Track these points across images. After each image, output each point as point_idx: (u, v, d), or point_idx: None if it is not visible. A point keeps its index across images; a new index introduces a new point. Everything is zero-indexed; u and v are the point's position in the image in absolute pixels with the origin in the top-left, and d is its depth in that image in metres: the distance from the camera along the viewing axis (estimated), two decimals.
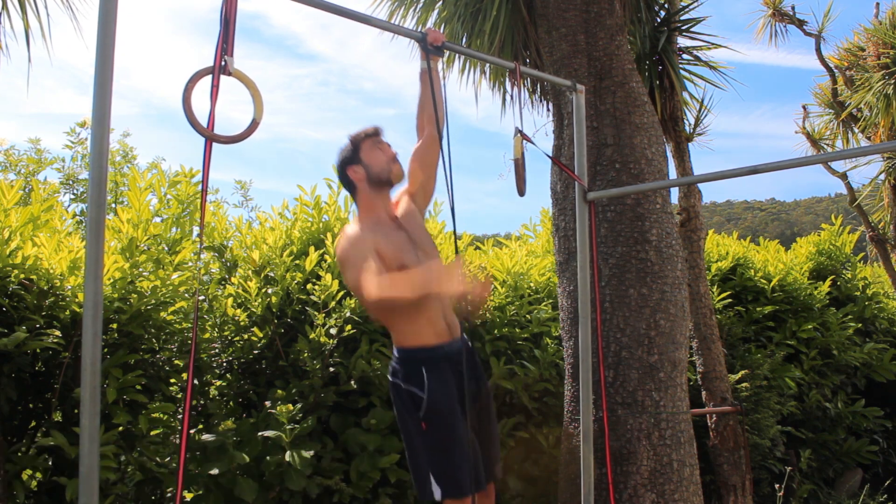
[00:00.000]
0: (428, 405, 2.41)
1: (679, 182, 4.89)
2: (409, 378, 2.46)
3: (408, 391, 2.44)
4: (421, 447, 2.44)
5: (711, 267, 6.09)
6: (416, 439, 2.45)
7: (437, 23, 4.97)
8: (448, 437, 2.42)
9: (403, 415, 2.48)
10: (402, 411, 2.48)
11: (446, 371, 2.47)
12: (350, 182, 2.62)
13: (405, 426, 2.48)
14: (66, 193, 5.47)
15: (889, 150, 6.84)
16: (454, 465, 2.40)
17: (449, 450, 2.41)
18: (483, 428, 2.58)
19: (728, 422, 4.67)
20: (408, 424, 2.46)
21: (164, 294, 3.43)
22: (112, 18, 1.80)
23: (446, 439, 2.42)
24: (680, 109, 5.14)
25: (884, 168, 8.07)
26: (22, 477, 3.14)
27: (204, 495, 3.42)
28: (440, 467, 2.41)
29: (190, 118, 1.89)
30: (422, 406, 2.42)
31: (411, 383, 2.44)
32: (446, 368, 2.48)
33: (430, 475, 2.40)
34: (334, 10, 2.35)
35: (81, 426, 1.73)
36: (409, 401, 2.45)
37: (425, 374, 2.44)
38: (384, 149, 2.61)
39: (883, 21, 7.54)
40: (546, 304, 4.87)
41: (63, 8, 4.26)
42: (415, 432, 2.44)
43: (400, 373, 2.49)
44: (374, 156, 2.57)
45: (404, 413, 2.47)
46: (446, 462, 2.41)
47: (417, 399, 2.43)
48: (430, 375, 2.44)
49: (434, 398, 2.41)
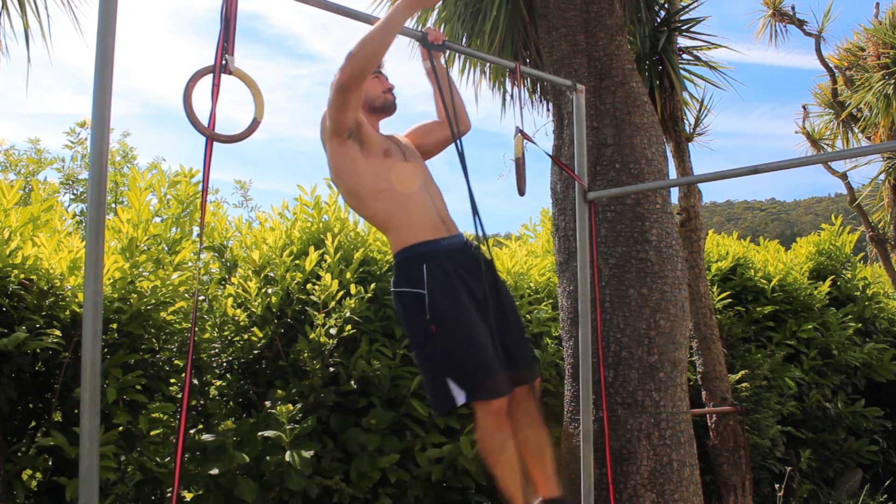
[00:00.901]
0: (430, 302, 2.29)
1: (679, 182, 4.89)
2: (411, 280, 2.35)
3: (412, 294, 2.33)
4: (435, 352, 2.30)
5: (711, 267, 6.09)
6: (427, 346, 2.32)
7: (437, 23, 4.97)
8: (461, 334, 2.30)
9: (412, 324, 2.35)
10: (409, 322, 2.36)
11: (449, 267, 2.38)
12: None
13: (415, 337, 2.36)
14: (66, 193, 5.47)
15: (889, 150, 6.84)
16: (476, 364, 2.28)
17: (466, 348, 2.29)
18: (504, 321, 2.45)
19: (728, 422, 4.67)
20: (417, 333, 2.34)
21: (164, 294, 3.43)
22: (112, 18, 1.80)
23: (460, 337, 2.30)
24: (680, 109, 5.14)
25: (884, 168, 8.07)
26: (22, 477, 3.14)
27: (204, 495, 3.42)
28: (460, 369, 2.28)
29: (190, 117, 1.89)
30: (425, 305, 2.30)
31: (413, 284, 2.33)
32: (449, 265, 2.38)
33: (447, 381, 2.27)
34: (335, 9, 2.35)
35: (81, 426, 1.73)
36: (414, 304, 2.32)
37: (425, 271, 2.33)
38: (382, 80, 2.63)
39: (883, 21, 7.54)
40: (546, 304, 4.87)
41: (63, 8, 4.27)
42: (425, 339, 2.31)
43: (403, 278, 2.38)
44: (372, 84, 2.57)
45: (412, 322, 2.34)
46: (466, 362, 2.28)
47: (421, 298, 2.31)
48: (431, 272, 2.33)
49: (436, 295, 2.31)
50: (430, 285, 2.32)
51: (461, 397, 2.26)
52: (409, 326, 2.38)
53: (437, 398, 2.32)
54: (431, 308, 2.30)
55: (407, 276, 2.37)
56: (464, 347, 2.30)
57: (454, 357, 2.29)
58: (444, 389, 2.28)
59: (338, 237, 4.15)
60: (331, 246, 3.99)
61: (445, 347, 2.30)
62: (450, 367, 2.29)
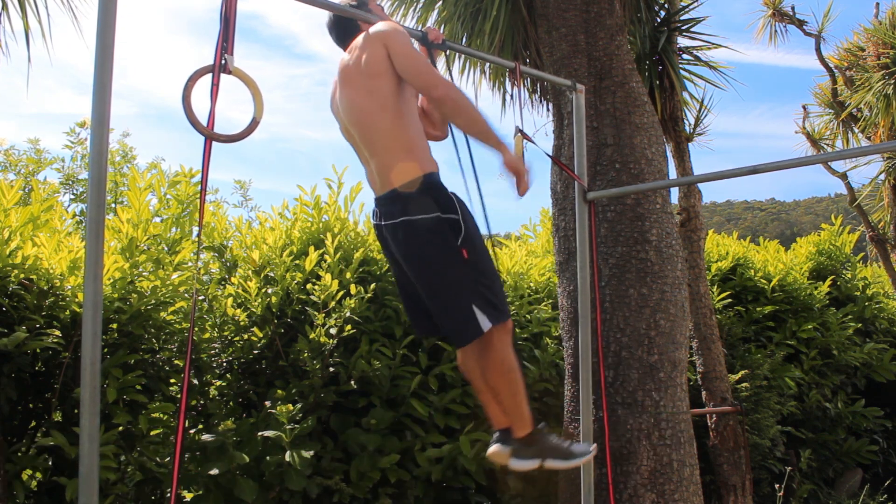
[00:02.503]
0: (465, 227, 2.28)
1: (679, 182, 4.89)
2: (442, 204, 2.29)
3: (443, 219, 2.27)
4: (463, 279, 2.26)
5: (711, 267, 6.09)
6: (454, 272, 2.26)
7: (437, 22, 4.98)
8: (487, 258, 2.34)
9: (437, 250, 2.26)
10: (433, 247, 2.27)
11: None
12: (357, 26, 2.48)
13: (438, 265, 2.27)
14: (66, 193, 5.47)
15: (889, 150, 6.84)
16: (497, 287, 2.33)
17: (490, 272, 2.33)
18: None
19: (728, 422, 4.67)
20: (441, 260, 2.26)
21: (164, 294, 3.43)
22: (112, 18, 1.80)
23: (487, 261, 2.34)
24: (680, 109, 5.14)
25: (884, 168, 8.07)
26: (22, 477, 3.14)
27: (204, 495, 3.42)
28: (487, 294, 2.28)
29: (190, 117, 1.89)
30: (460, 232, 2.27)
31: (446, 209, 2.28)
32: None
33: (473, 307, 2.25)
34: (335, 9, 2.35)
35: (81, 426, 1.73)
36: (444, 229, 2.26)
37: (455, 197, 2.32)
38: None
39: (883, 21, 7.54)
40: (546, 304, 4.87)
41: (63, 8, 4.27)
42: (454, 264, 2.26)
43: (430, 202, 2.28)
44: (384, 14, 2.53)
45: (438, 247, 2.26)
46: (491, 286, 2.31)
47: (455, 225, 2.27)
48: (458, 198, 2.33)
49: (467, 219, 2.31)
50: (463, 210, 2.31)
51: (486, 322, 2.26)
52: (431, 253, 2.27)
53: (459, 326, 2.28)
54: (466, 233, 2.28)
55: (436, 200, 2.29)
56: (490, 272, 2.33)
57: (482, 282, 2.28)
58: (468, 315, 2.25)
59: (338, 237, 4.15)
60: (331, 246, 3.99)
61: (474, 272, 2.28)
62: (477, 292, 2.27)
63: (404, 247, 2.31)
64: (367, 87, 2.29)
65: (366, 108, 2.31)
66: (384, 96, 2.28)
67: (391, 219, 2.32)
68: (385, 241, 2.43)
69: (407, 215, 2.27)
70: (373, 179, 2.42)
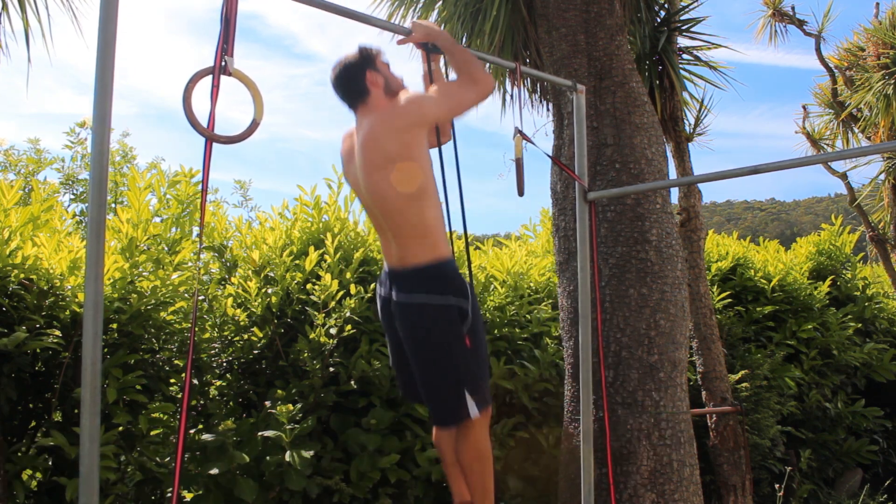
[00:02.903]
0: (473, 315, 2.35)
1: (679, 182, 4.89)
2: (457, 289, 2.35)
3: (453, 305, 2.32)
4: (460, 365, 2.32)
5: (711, 267, 6.09)
6: (453, 357, 2.32)
7: (437, 23, 4.97)
8: (484, 346, 2.41)
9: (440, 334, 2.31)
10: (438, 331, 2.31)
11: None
12: (364, 86, 2.44)
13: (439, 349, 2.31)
14: (66, 193, 5.48)
15: (889, 150, 6.84)
16: (486, 373, 2.41)
17: (484, 359, 2.40)
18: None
19: (728, 422, 4.67)
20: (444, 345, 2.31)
21: (164, 294, 3.43)
22: (113, 19, 1.80)
23: (483, 348, 2.40)
24: (680, 109, 5.14)
25: (884, 168, 8.07)
26: (22, 477, 3.14)
27: (204, 495, 3.42)
28: (478, 381, 2.35)
29: (190, 118, 1.89)
30: (467, 319, 2.34)
31: (460, 294, 2.34)
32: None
33: (465, 394, 2.31)
34: (335, 10, 2.35)
35: (81, 426, 1.73)
36: (452, 315, 2.31)
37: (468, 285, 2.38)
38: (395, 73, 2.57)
39: (883, 21, 7.54)
40: (546, 304, 4.87)
41: (63, 8, 4.27)
42: (455, 350, 2.32)
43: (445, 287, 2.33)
44: (392, 74, 2.53)
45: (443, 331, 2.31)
46: (483, 374, 2.38)
47: (464, 312, 2.33)
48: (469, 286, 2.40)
49: (475, 308, 2.38)
50: (472, 298, 2.38)
51: (475, 409, 2.33)
52: (436, 336, 2.32)
53: (449, 409, 2.35)
54: (472, 321, 2.36)
55: (450, 285, 2.34)
56: (483, 359, 2.40)
57: (475, 370, 2.36)
58: (461, 401, 2.32)
59: (338, 237, 4.15)
60: (331, 246, 3.99)
61: (472, 360, 2.35)
62: (470, 379, 2.34)
63: (410, 326, 2.35)
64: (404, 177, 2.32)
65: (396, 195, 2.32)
66: (424, 184, 2.34)
67: (403, 295, 2.35)
68: (388, 313, 2.45)
69: (420, 296, 2.32)
70: (389, 252, 2.45)
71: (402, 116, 2.33)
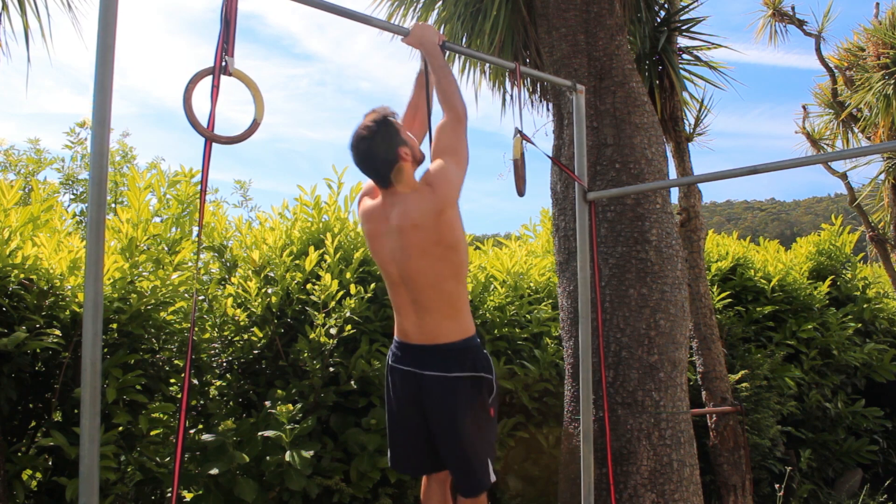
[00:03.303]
0: (497, 389, 2.49)
1: (679, 182, 4.89)
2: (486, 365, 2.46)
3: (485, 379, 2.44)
4: (487, 435, 2.45)
5: (711, 267, 6.09)
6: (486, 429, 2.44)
7: (437, 23, 4.97)
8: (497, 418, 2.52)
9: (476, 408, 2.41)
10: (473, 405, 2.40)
11: None
12: (396, 162, 2.44)
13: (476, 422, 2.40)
14: (66, 193, 5.48)
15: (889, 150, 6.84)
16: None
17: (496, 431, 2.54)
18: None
19: (728, 422, 4.67)
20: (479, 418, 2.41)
21: (164, 294, 3.43)
22: (112, 19, 1.80)
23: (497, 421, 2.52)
24: (680, 109, 5.14)
25: (884, 168, 8.07)
26: (22, 477, 3.14)
27: (204, 495, 3.42)
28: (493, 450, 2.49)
29: (190, 118, 1.89)
30: (493, 391, 2.45)
31: (488, 369, 2.46)
32: None
33: (488, 462, 2.45)
34: (334, 10, 2.35)
35: (81, 426, 1.73)
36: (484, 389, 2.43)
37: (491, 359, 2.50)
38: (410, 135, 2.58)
39: (883, 21, 7.54)
40: (546, 304, 4.87)
41: (63, 8, 4.27)
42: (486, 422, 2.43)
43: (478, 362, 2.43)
44: (412, 139, 2.55)
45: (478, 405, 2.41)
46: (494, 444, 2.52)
47: (489, 385, 2.44)
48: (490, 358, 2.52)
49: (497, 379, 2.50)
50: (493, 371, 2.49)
51: (493, 475, 2.47)
52: (467, 409, 2.40)
53: (479, 478, 2.44)
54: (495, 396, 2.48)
55: (477, 361, 2.44)
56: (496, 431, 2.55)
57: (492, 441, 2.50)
58: (487, 469, 2.45)
59: (338, 237, 4.15)
60: (331, 246, 3.99)
61: (494, 430, 2.50)
62: (493, 448, 2.50)
63: (440, 400, 2.40)
64: (443, 257, 2.38)
65: (439, 274, 2.39)
66: (457, 266, 2.41)
67: (428, 370, 2.42)
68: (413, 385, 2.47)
69: (455, 372, 2.39)
70: (413, 328, 2.47)
71: (441, 200, 2.34)
